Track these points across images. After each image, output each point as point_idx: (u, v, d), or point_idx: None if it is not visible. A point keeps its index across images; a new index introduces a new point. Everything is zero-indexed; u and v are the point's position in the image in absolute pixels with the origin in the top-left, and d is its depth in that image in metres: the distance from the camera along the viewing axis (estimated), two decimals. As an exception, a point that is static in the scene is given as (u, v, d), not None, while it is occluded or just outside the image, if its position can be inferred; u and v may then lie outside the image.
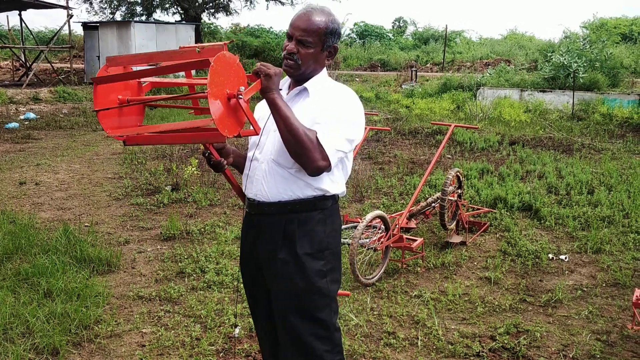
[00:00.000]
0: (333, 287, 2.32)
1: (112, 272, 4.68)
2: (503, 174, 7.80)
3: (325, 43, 2.20)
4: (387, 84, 21.63)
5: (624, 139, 11.07)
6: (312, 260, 2.24)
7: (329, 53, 2.26)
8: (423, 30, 36.47)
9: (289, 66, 2.21)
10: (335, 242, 2.33)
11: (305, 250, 2.23)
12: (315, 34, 2.16)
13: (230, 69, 2.02)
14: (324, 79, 2.29)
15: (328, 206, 2.29)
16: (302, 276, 2.23)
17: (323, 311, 2.28)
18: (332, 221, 2.31)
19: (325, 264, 2.27)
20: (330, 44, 2.23)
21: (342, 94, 2.23)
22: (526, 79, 17.87)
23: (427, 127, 11.88)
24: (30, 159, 9.09)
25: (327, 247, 2.28)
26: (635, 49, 25.53)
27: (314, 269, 2.23)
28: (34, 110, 15.26)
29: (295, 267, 2.23)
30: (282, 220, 2.24)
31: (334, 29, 2.21)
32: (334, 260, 2.32)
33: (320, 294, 2.26)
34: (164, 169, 8.24)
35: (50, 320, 3.70)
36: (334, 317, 2.33)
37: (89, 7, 27.22)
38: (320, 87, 2.25)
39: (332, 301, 2.33)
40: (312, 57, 2.20)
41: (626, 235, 5.55)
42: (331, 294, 2.31)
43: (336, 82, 2.31)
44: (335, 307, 2.35)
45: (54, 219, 6.05)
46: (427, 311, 4.00)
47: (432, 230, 5.79)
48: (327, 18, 2.18)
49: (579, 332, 3.74)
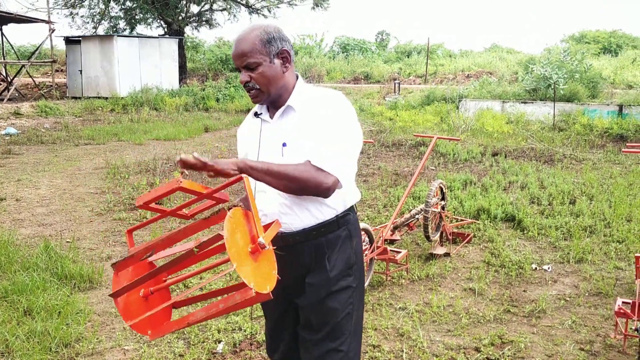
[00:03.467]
0: (357, 307, 2.23)
1: (94, 289, 4.62)
2: (486, 185, 7.85)
3: (270, 53, 2.08)
4: (370, 96, 21.75)
5: (604, 149, 11.22)
6: (343, 279, 2.18)
7: (283, 59, 2.12)
8: (405, 43, 36.78)
9: (254, 96, 2.12)
10: (361, 254, 2.28)
11: (336, 272, 2.16)
12: (252, 52, 2.06)
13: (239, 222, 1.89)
14: (303, 89, 2.18)
15: (351, 220, 2.22)
16: (333, 298, 2.16)
17: (343, 342, 2.19)
18: (357, 233, 2.26)
19: (354, 279, 2.22)
20: (276, 50, 2.09)
21: (329, 101, 2.11)
22: (508, 90, 18.08)
23: (411, 139, 11.94)
24: (11, 175, 8.98)
25: (355, 262, 2.23)
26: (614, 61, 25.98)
27: (343, 287, 2.18)
28: (15, 125, 15.10)
29: (327, 290, 2.16)
30: (311, 246, 2.15)
31: (271, 36, 2.08)
32: (360, 274, 2.26)
33: (341, 318, 2.18)
34: (147, 183, 8.18)
35: (30, 339, 3.63)
36: (353, 347, 2.23)
37: (71, 21, 27.10)
38: (304, 99, 2.14)
39: (352, 326, 2.22)
40: (267, 74, 2.08)
41: (608, 245, 5.61)
42: (353, 318, 2.22)
43: (318, 88, 2.21)
44: (358, 339, 2.27)
45: (35, 235, 5.97)
46: (411, 323, 4.00)
47: (416, 242, 5.80)
48: (257, 31, 2.08)
49: (563, 342, 3.75)
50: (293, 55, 2.17)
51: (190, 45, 31.05)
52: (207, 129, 14.50)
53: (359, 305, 2.26)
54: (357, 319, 2.26)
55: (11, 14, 21.01)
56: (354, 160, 2.15)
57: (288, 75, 2.15)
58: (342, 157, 2.06)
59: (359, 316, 2.28)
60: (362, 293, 2.29)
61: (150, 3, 25.41)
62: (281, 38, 2.10)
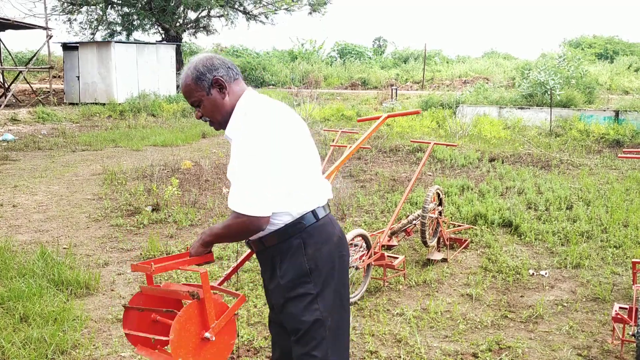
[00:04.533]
0: (327, 313, 2.26)
1: (91, 295, 4.60)
2: (483, 191, 7.86)
3: (204, 88, 2.22)
4: (367, 102, 21.79)
5: (600, 154, 11.25)
6: (300, 286, 2.24)
7: (219, 87, 2.23)
8: (402, 50, 36.90)
9: (212, 126, 2.33)
10: (325, 260, 2.27)
11: (287, 279, 2.24)
12: (191, 92, 2.24)
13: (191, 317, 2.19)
14: (238, 116, 2.23)
15: (305, 227, 2.24)
16: (291, 304, 2.26)
17: (315, 346, 2.26)
18: (315, 242, 2.25)
19: (313, 286, 2.24)
20: (207, 84, 2.22)
21: (240, 132, 2.13)
22: (504, 96, 18.13)
23: (408, 145, 11.96)
24: (8, 181, 8.97)
25: (312, 269, 2.24)
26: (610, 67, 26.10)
27: (300, 294, 2.23)
28: (12, 132, 15.08)
29: (283, 297, 2.27)
30: (269, 254, 2.30)
31: (200, 72, 2.22)
32: (324, 280, 2.26)
33: (307, 324, 2.24)
34: (144, 189, 8.17)
35: (26, 346, 3.62)
36: (330, 352, 2.27)
37: (69, 27, 27.14)
38: (234, 131, 2.20)
39: (326, 332, 2.26)
40: (209, 107, 2.25)
41: (605, 250, 5.61)
42: (325, 324, 2.25)
43: (248, 114, 2.18)
44: (340, 344, 2.31)
45: (32, 242, 5.95)
46: (409, 329, 4.00)
47: (414, 248, 5.80)
48: (189, 72, 2.23)
49: (560, 347, 3.75)
50: (232, 74, 2.27)
51: (188, 51, 31.13)
52: (204, 135, 14.50)
53: (332, 311, 2.28)
54: (335, 324, 2.29)
55: (9, 20, 21.02)
56: (272, 179, 2.10)
57: (229, 100, 2.26)
58: (249, 189, 2.07)
59: (337, 322, 2.30)
60: (332, 299, 2.29)
61: (147, 9, 25.47)
62: (210, 69, 2.22)
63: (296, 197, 2.21)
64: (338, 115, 17.74)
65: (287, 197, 2.19)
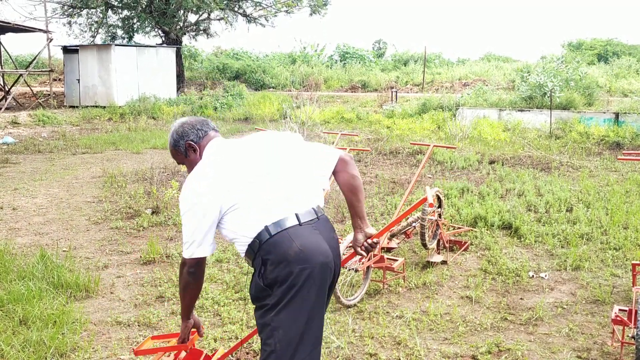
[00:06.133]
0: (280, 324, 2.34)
1: (90, 298, 4.60)
2: (483, 193, 7.86)
3: (181, 152, 2.64)
4: (367, 104, 21.80)
5: (600, 156, 11.25)
6: (262, 299, 2.39)
7: (192, 150, 2.62)
8: (402, 52, 36.91)
9: None
10: (282, 276, 2.32)
11: (251, 292, 2.45)
12: (175, 156, 2.69)
13: None
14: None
15: (260, 245, 2.37)
16: (256, 314, 2.45)
17: (267, 357, 2.39)
18: (272, 258, 2.34)
19: (272, 297, 2.34)
20: (183, 148, 2.62)
21: (186, 184, 2.47)
22: (504, 98, 18.13)
23: (408, 147, 11.96)
24: (8, 184, 8.97)
25: (270, 283, 2.35)
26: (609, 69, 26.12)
27: (259, 305, 2.41)
28: (12, 134, 15.10)
29: (254, 307, 2.48)
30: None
31: (175, 139, 2.63)
32: (284, 291, 2.32)
33: (262, 331, 2.41)
34: (144, 192, 8.17)
35: (25, 349, 3.62)
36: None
37: (69, 30, 27.20)
38: None
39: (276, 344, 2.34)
40: (190, 165, 2.64)
41: (605, 252, 5.61)
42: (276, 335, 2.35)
43: (189, 176, 2.51)
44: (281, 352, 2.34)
45: (31, 244, 5.95)
46: (409, 332, 3.99)
47: (413, 250, 5.80)
48: (170, 140, 2.67)
49: (560, 349, 3.75)
50: (200, 134, 2.62)
51: (188, 54, 31.15)
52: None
53: (288, 324, 2.32)
54: (288, 338, 2.32)
55: (9, 23, 21.04)
56: (202, 227, 2.41)
57: (200, 156, 2.61)
58: (186, 237, 2.43)
59: (292, 335, 2.33)
60: (290, 312, 2.32)
61: (148, 12, 25.50)
62: (182, 136, 2.62)
63: (246, 223, 2.40)
64: (338, 118, 17.75)
65: (238, 226, 2.41)
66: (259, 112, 19.10)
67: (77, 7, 25.68)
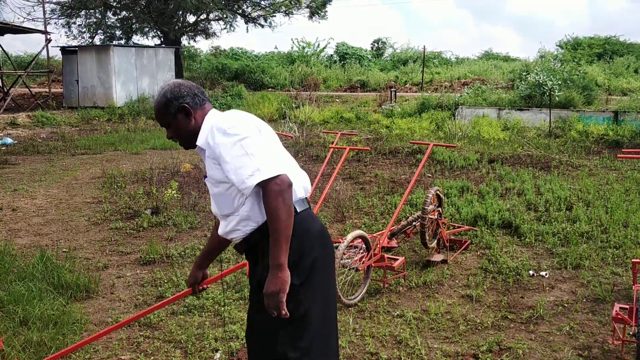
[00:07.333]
0: (309, 304, 2.35)
1: (91, 298, 4.60)
2: (483, 192, 7.86)
3: (171, 113, 2.39)
4: (366, 104, 21.79)
5: (600, 155, 11.25)
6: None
7: (185, 113, 2.39)
8: (401, 52, 36.88)
9: (180, 145, 2.48)
10: (306, 254, 2.34)
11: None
12: (161, 116, 2.42)
13: None
14: (207, 129, 2.35)
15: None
16: None
17: (300, 337, 2.40)
18: (297, 234, 2.28)
19: (297, 278, 2.32)
20: (174, 110, 2.39)
21: (222, 131, 2.27)
22: (503, 97, 18.12)
23: (407, 147, 11.95)
24: (7, 185, 8.96)
25: (295, 262, 2.32)
26: (608, 67, 26.12)
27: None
28: (11, 136, 15.09)
29: None
30: (260, 249, 2.40)
31: (168, 99, 2.39)
32: (311, 271, 2.34)
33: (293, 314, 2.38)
34: (143, 192, 8.16)
35: (26, 349, 3.62)
36: None
37: (68, 31, 27.15)
38: (206, 133, 2.34)
39: (310, 322, 2.38)
40: (177, 130, 2.42)
41: (605, 251, 5.61)
42: (310, 313, 2.37)
43: (220, 120, 2.32)
44: (314, 330, 2.39)
45: (31, 245, 5.95)
46: (409, 331, 3.99)
47: (414, 249, 5.80)
48: (159, 98, 2.42)
49: (561, 348, 3.75)
50: (197, 101, 2.42)
51: (187, 54, 31.14)
52: (203, 138, 14.49)
53: (316, 302, 2.38)
54: (319, 314, 2.39)
55: (8, 25, 21.04)
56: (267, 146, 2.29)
57: (194, 124, 2.41)
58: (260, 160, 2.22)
59: (321, 312, 2.40)
60: (316, 290, 2.36)
61: (146, 13, 25.50)
62: (177, 97, 2.39)
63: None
64: (337, 118, 17.74)
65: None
66: (258, 112, 19.08)
67: (76, 8, 25.65)
